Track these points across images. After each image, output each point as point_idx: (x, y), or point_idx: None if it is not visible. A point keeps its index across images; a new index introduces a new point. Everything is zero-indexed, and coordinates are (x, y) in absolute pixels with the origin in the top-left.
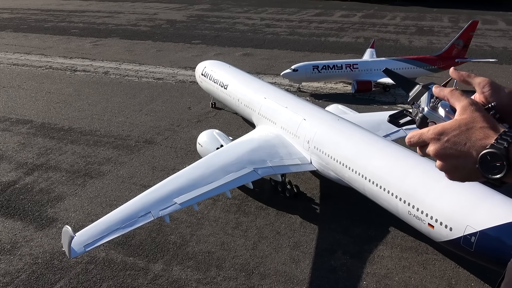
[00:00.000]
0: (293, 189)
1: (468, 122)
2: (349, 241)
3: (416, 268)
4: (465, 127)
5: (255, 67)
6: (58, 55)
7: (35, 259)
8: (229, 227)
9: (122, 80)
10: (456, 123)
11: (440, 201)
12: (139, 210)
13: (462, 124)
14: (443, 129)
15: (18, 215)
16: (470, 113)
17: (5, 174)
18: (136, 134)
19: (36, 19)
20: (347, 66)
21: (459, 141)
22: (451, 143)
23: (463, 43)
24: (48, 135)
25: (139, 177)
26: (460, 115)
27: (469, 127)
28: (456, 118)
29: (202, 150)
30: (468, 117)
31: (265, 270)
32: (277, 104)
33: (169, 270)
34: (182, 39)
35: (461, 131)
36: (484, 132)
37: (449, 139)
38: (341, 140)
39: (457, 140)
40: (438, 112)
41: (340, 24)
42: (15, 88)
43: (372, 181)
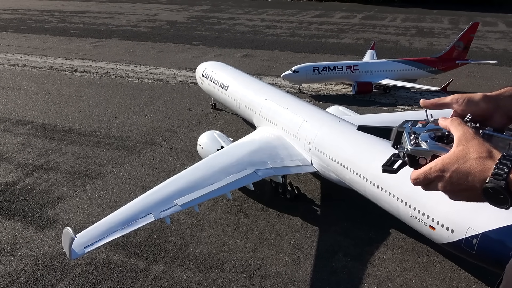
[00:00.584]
0: (293, 191)
1: (464, 154)
2: (350, 243)
3: (417, 270)
4: (463, 159)
5: (256, 68)
6: (59, 56)
7: (35, 260)
8: (230, 228)
9: (123, 81)
10: (454, 157)
11: (442, 203)
12: (140, 212)
13: (459, 157)
14: (443, 165)
15: (18, 216)
16: (464, 143)
17: (5, 175)
18: (137, 135)
19: (37, 20)
20: (348, 67)
21: (461, 176)
22: (455, 179)
23: (463, 45)
24: (48, 136)
25: (140, 178)
26: (457, 147)
27: (466, 159)
28: (453, 150)
29: (203, 151)
30: (463, 148)
31: (266, 272)
32: (278, 105)
33: (170, 271)
34: (182, 40)
35: (460, 164)
36: (481, 163)
37: (451, 175)
38: (342, 141)
39: (459, 175)
40: (422, 146)
41: (341, 25)
42: (15, 88)
43: (373, 183)
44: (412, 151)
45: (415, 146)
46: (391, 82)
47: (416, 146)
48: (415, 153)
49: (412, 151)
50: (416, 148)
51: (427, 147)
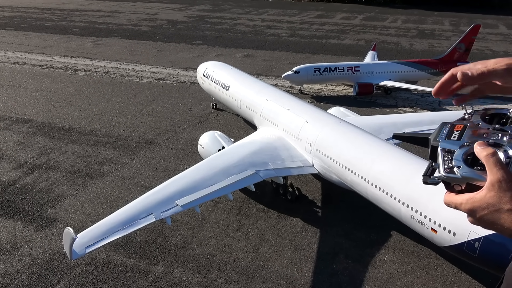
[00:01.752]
0: (294, 192)
1: (495, 203)
2: (351, 245)
3: (419, 273)
4: (493, 207)
5: (256, 68)
6: (59, 54)
7: (35, 259)
8: (230, 229)
9: (123, 80)
10: (485, 202)
11: (444, 206)
12: (141, 212)
13: (490, 204)
14: (473, 207)
15: (18, 215)
16: (498, 191)
17: (5, 173)
18: (137, 134)
19: (37, 18)
20: (349, 68)
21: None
22: (483, 221)
23: (465, 47)
24: (48, 134)
25: (140, 178)
26: (488, 191)
27: (496, 208)
28: (485, 193)
29: (204, 152)
30: (495, 195)
31: (267, 273)
32: (279, 106)
33: (170, 272)
34: (183, 40)
35: (490, 211)
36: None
37: (480, 218)
38: (343, 143)
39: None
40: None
41: (341, 26)
42: (15, 87)
43: (374, 184)
44: (445, 178)
45: (448, 173)
46: (392, 84)
47: (449, 172)
48: (448, 180)
49: (446, 178)
50: (448, 175)
51: (460, 174)
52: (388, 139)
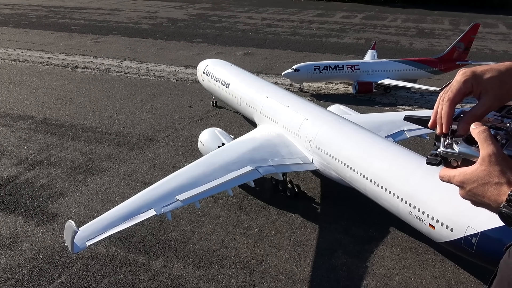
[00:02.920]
0: (294, 189)
1: (485, 176)
2: (349, 241)
3: (416, 269)
4: (482, 180)
5: (256, 66)
6: (59, 52)
7: (36, 254)
8: (230, 225)
9: (123, 78)
10: (475, 176)
11: (442, 202)
12: (142, 206)
13: (480, 177)
14: (464, 179)
15: (19, 210)
16: (488, 165)
17: (6, 169)
18: (137, 131)
19: (37, 15)
20: (348, 67)
21: (478, 193)
22: (472, 194)
23: (464, 46)
24: (49, 131)
25: (140, 174)
26: (480, 165)
27: (485, 181)
28: (476, 167)
29: (204, 148)
30: (485, 169)
31: (266, 268)
32: (279, 103)
33: (170, 267)
34: (183, 38)
35: (479, 184)
36: (498, 189)
37: (470, 190)
38: (343, 140)
39: (476, 192)
40: (453, 149)
41: (341, 25)
42: (16, 84)
43: (373, 181)
44: (443, 153)
45: (446, 148)
46: (391, 82)
47: (448, 147)
48: (446, 155)
49: (444, 153)
50: (446, 151)
51: (457, 150)
52: (387, 136)
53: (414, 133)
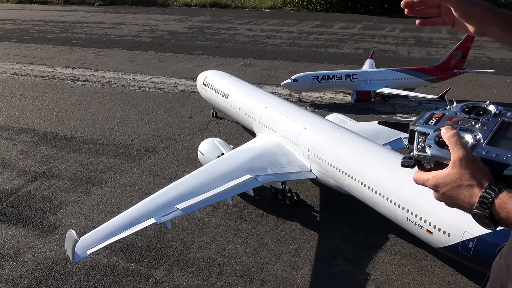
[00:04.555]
0: (293, 197)
1: (457, 179)
2: (348, 248)
3: (415, 275)
4: (455, 183)
5: (256, 77)
6: (61, 65)
7: (38, 265)
8: (230, 234)
9: (124, 90)
10: (448, 179)
11: (438, 207)
12: (142, 216)
13: (452, 180)
14: (437, 183)
15: (21, 222)
16: (459, 168)
17: (8, 181)
18: (138, 142)
19: (39, 30)
20: (347, 76)
21: (451, 196)
22: (446, 196)
23: (461, 54)
24: (50, 143)
25: (141, 185)
26: (452, 169)
27: (458, 184)
28: (448, 171)
29: (203, 158)
30: (457, 172)
31: (266, 276)
32: (278, 113)
33: (171, 276)
34: (183, 50)
35: (452, 187)
36: (470, 191)
37: (444, 193)
38: (341, 148)
39: (450, 194)
40: (426, 151)
41: (340, 35)
42: (18, 97)
43: (371, 188)
44: (417, 157)
45: (419, 151)
46: (389, 91)
47: (421, 150)
48: (419, 158)
49: (417, 157)
50: (420, 154)
51: (430, 153)
52: (384, 144)
53: None
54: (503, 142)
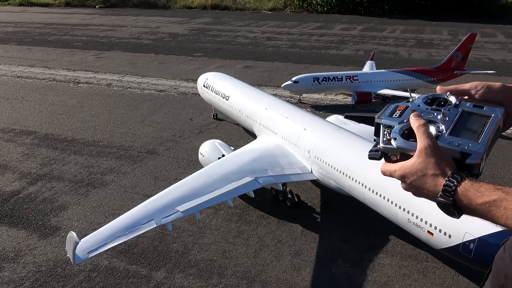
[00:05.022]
0: (294, 198)
1: (422, 168)
2: (349, 250)
3: (416, 276)
4: (420, 173)
5: (256, 79)
6: (62, 68)
7: (39, 267)
8: (231, 235)
9: (125, 92)
10: (413, 168)
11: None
12: (142, 218)
13: (418, 170)
14: (404, 173)
15: (22, 224)
16: (424, 157)
17: (9, 184)
18: (139, 144)
19: (40, 33)
20: (347, 78)
21: (417, 185)
22: (413, 186)
23: (462, 55)
24: (51, 145)
25: (142, 187)
26: (417, 158)
27: (423, 173)
28: (414, 160)
29: (204, 160)
30: (422, 161)
31: (267, 278)
32: (278, 114)
33: (171, 278)
34: (184, 52)
35: (418, 176)
36: (435, 180)
37: (410, 183)
38: (341, 149)
39: (416, 184)
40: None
41: (340, 37)
42: (19, 100)
43: (372, 189)
44: (383, 149)
45: (385, 144)
46: (390, 92)
47: (387, 143)
48: (386, 150)
49: (383, 149)
50: (385, 146)
51: (395, 145)
52: None
53: None
54: (464, 132)
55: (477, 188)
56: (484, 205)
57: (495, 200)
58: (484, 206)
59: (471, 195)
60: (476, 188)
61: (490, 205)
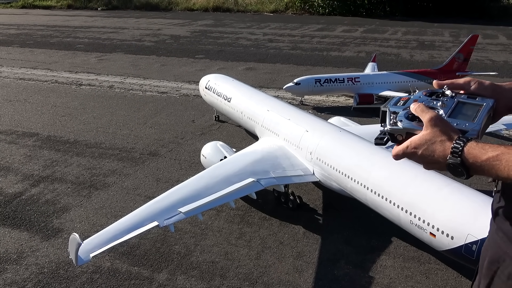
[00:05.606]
0: (296, 200)
1: (431, 138)
2: (351, 251)
3: (419, 278)
4: (430, 142)
5: (258, 81)
6: (64, 70)
7: (41, 268)
8: (233, 237)
9: (127, 94)
10: (423, 139)
11: (442, 210)
12: (145, 219)
13: (427, 139)
14: (416, 144)
15: (24, 226)
16: (430, 128)
17: (12, 185)
18: (141, 146)
19: (42, 35)
20: (349, 79)
21: (429, 154)
22: (424, 156)
23: (463, 57)
24: (53, 147)
25: (144, 189)
26: (425, 130)
27: (432, 141)
28: (423, 133)
29: (206, 162)
30: (430, 132)
31: (269, 280)
32: (280, 116)
33: (174, 279)
34: (186, 54)
35: (428, 145)
36: (443, 145)
37: (422, 153)
38: (343, 151)
39: (427, 153)
40: (398, 125)
41: (342, 38)
42: (21, 102)
43: (374, 191)
44: (390, 130)
45: (392, 126)
46: (392, 94)
47: (393, 125)
48: (392, 131)
49: (391, 130)
50: (392, 127)
51: (401, 126)
52: (387, 147)
53: None
54: (460, 116)
55: (481, 146)
56: (489, 161)
57: (498, 154)
58: (489, 161)
59: (477, 153)
60: (480, 146)
61: (493, 160)
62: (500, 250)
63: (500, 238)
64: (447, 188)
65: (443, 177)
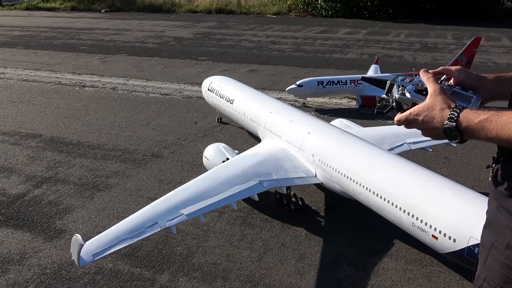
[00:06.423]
0: (298, 202)
1: (433, 106)
2: (354, 253)
3: (421, 280)
4: (431, 108)
5: (261, 83)
6: (67, 71)
7: (44, 269)
8: (235, 239)
9: (130, 96)
10: (426, 106)
11: (444, 212)
12: (147, 221)
13: (429, 107)
14: (418, 111)
15: (27, 227)
16: (434, 97)
17: (15, 186)
18: (143, 148)
19: (46, 37)
20: (352, 81)
21: (429, 120)
22: (425, 121)
23: (466, 59)
24: (57, 149)
25: (146, 190)
26: (429, 99)
27: (433, 108)
28: (426, 101)
29: (208, 163)
30: (432, 100)
31: (271, 282)
32: (282, 118)
33: (175, 281)
34: (188, 56)
35: (429, 112)
36: (442, 112)
37: (423, 119)
38: (345, 153)
39: (427, 119)
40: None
41: (345, 41)
42: (25, 103)
43: (376, 193)
44: (399, 99)
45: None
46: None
47: (402, 95)
48: (401, 100)
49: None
50: (402, 97)
51: (410, 96)
52: (390, 149)
53: (417, 146)
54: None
55: (475, 111)
56: (480, 123)
57: (488, 117)
58: (480, 124)
59: (471, 117)
60: (474, 111)
61: (484, 122)
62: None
63: (502, 214)
64: (449, 190)
65: (445, 179)
